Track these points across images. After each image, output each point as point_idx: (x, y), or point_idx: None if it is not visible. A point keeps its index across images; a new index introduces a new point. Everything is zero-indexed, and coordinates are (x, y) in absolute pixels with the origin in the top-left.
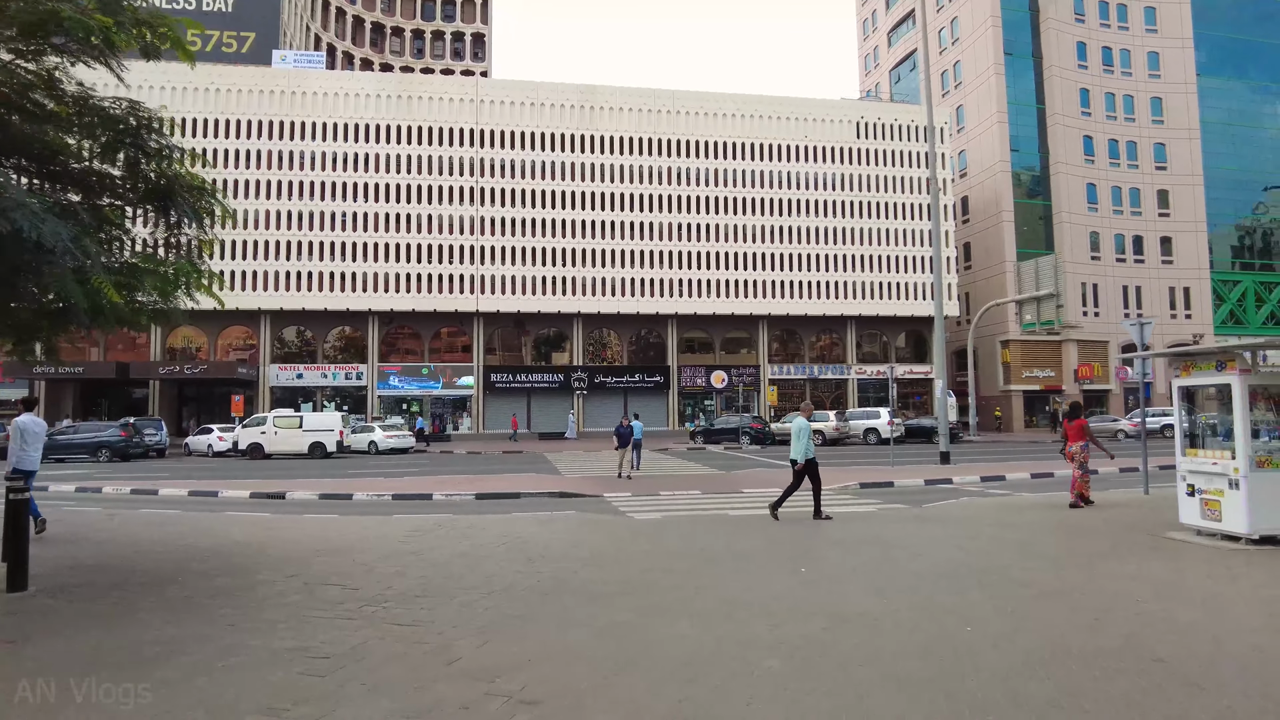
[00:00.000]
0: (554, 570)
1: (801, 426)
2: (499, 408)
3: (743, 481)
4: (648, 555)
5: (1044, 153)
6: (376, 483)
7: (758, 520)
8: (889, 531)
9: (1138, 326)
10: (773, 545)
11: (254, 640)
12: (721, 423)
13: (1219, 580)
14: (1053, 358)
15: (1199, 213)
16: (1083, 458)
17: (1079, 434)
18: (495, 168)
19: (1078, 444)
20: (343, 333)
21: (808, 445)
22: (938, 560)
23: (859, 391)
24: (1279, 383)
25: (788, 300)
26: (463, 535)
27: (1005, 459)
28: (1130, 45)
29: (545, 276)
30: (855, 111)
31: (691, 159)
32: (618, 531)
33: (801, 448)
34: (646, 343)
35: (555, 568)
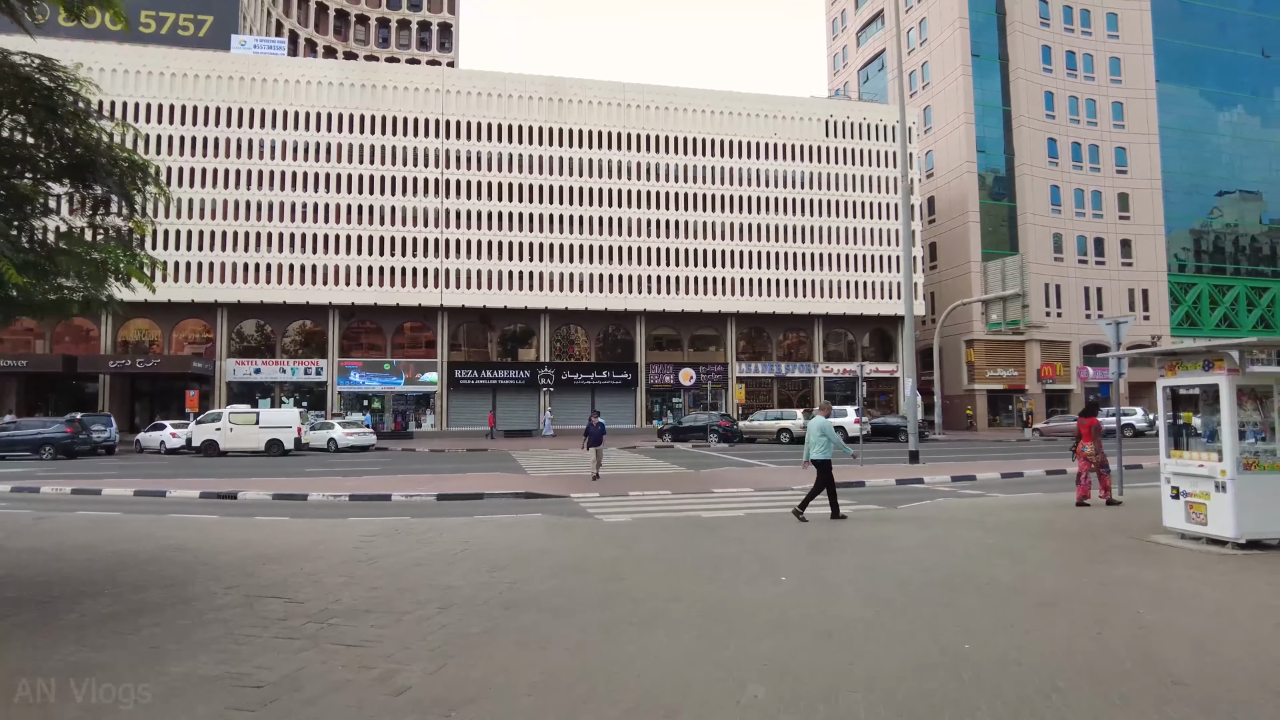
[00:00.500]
0: (516, 580)
1: (823, 425)
2: (463, 405)
3: (712, 481)
4: (617, 562)
5: (1009, 154)
6: (334, 482)
7: (731, 522)
8: (869, 534)
9: (1113, 326)
10: (749, 550)
11: (177, 666)
12: (689, 421)
13: (1215, 588)
14: (1016, 357)
15: (1157, 216)
16: (1099, 458)
17: (1091, 434)
18: (461, 160)
19: (1090, 444)
20: (303, 327)
21: (828, 444)
22: (924, 565)
23: (825, 390)
24: (1266, 383)
25: (756, 298)
26: (420, 541)
27: (973, 458)
28: (1093, 50)
29: (512, 271)
30: (824, 110)
31: (661, 154)
32: (585, 536)
33: (826, 446)
34: (614, 340)
35: (518, 577)
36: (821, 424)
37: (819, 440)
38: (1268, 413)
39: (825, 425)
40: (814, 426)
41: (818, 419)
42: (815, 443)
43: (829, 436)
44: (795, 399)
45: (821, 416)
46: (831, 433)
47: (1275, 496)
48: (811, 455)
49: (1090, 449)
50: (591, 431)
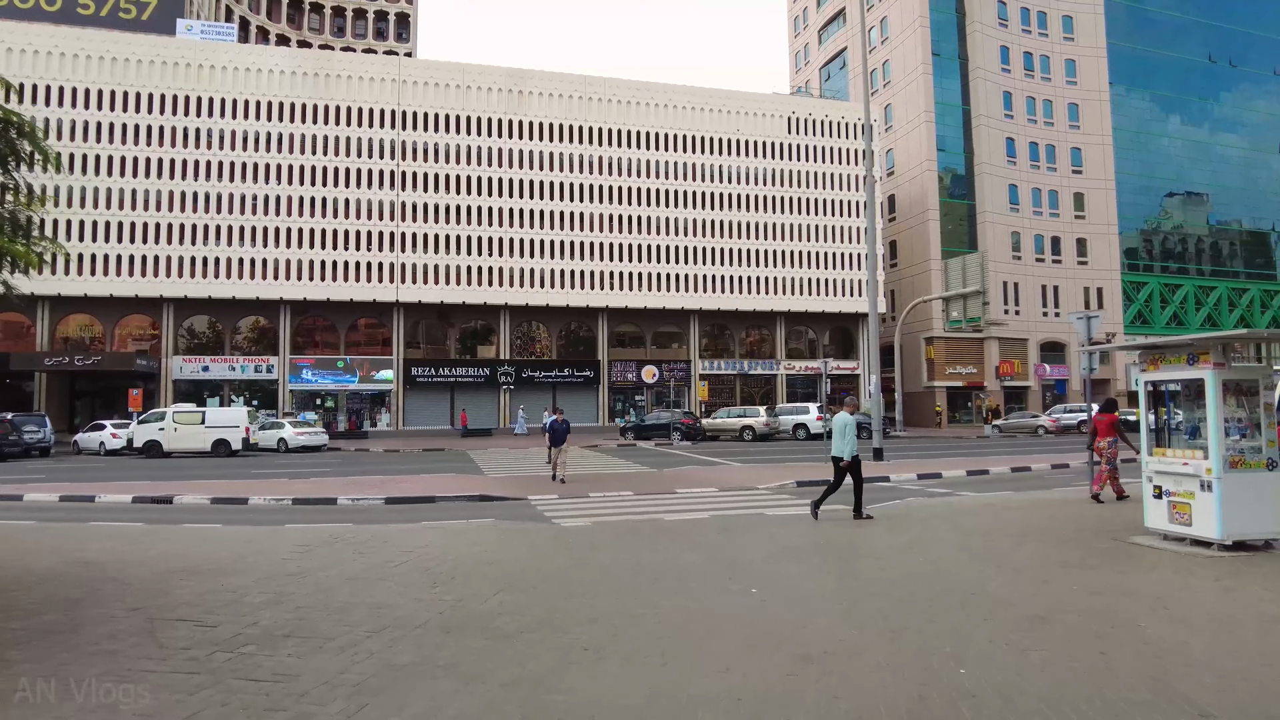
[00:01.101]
0: (460, 597)
1: (845, 422)
2: (420, 403)
3: (676, 480)
4: (573, 574)
5: (969, 153)
6: (279, 485)
7: (696, 525)
8: (842, 538)
9: (1084, 320)
10: (717, 557)
11: (40, 717)
12: (652, 419)
13: (1212, 596)
14: (975, 355)
15: (1111, 216)
16: (1111, 453)
17: (1110, 429)
18: (418, 151)
19: (1107, 439)
20: (253, 323)
21: (853, 441)
22: (904, 574)
23: (787, 387)
24: (1252, 377)
25: (718, 295)
26: (359, 551)
27: (937, 455)
28: (1050, 52)
29: (470, 266)
30: (787, 107)
31: (623, 149)
32: (540, 543)
33: (847, 444)
34: (576, 336)
35: (462, 593)
36: (846, 421)
37: (842, 437)
38: (1252, 409)
39: (849, 422)
40: (838, 423)
41: (841, 415)
42: (839, 439)
43: (849, 434)
44: (758, 396)
45: (845, 413)
46: (851, 430)
47: (1260, 496)
48: (835, 452)
49: (1105, 444)
50: (554, 430)
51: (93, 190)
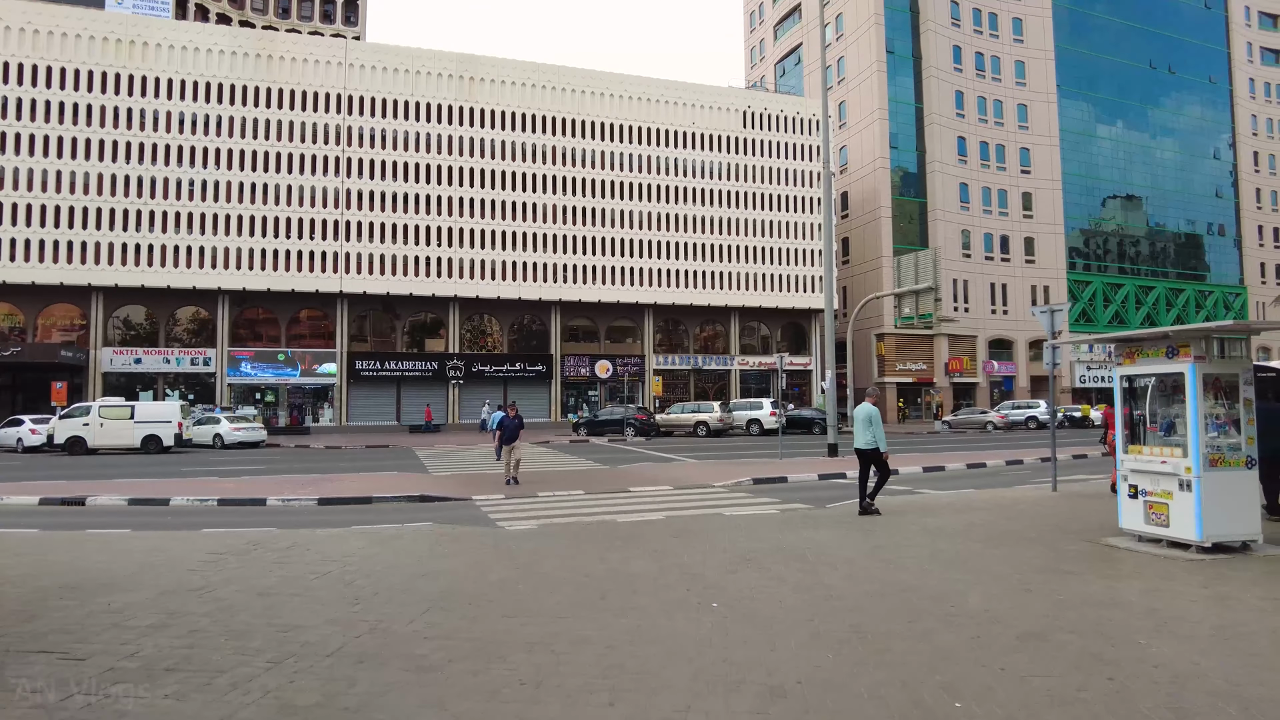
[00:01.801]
0: (383, 617)
1: (870, 413)
2: (365, 398)
3: (629, 478)
4: (513, 587)
5: (920, 151)
6: (207, 484)
7: (649, 528)
8: (805, 542)
9: (1048, 314)
10: (672, 564)
11: None
12: (605, 414)
13: (1206, 606)
14: (925, 351)
15: (1058, 215)
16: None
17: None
18: (365, 137)
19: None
20: (190, 314)
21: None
22: (877, 585)
23: (741, 382)
24: (1233, 371)
25: (673, 289)
26: (278, 560)
27: (891, 451)
28: (1000, 53)
29: (418, 256)
30: (743, 101)
31: (576, 139)
32: (481, 551)
33: (876, 436)
34: (528, 330)
35: (386, 612)
36: (870, 412)
37: (866, 429)
38: (1231, 404)
39: (874, 414)
40: (860, 415)
41: (864, 407)
42: (862, 431)
43: (874, 426)
44: (712, 392)
45: (869, 404)
46: (878, 422)
47: (1238, 495)
48: (857, 444)
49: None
50: (507, 426)
51: (13, 171)
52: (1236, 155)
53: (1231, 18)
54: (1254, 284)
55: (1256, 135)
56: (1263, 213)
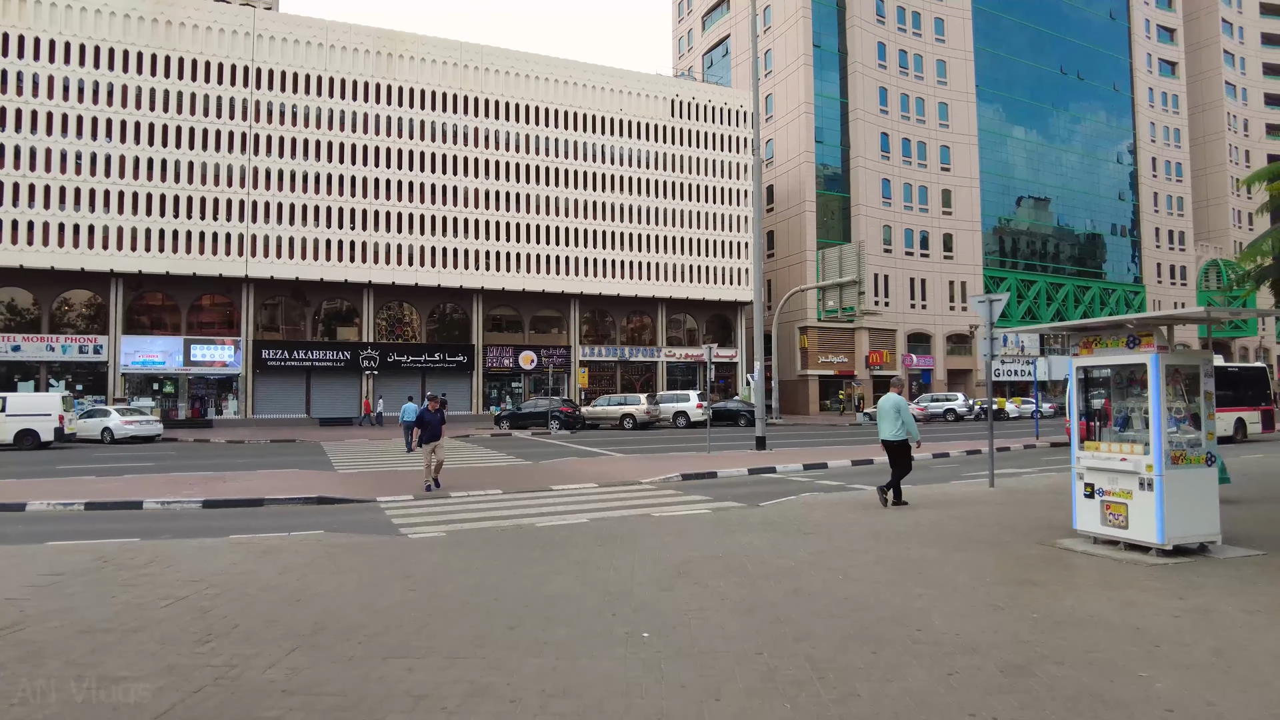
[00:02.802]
0: (235, 660)
1: (899, 403)
2: (273, 389)
3: (552, 475)
4: (406, 615)
5: (845, 147)
6: (79, 485)
7: (572, 534)
8: (742, 548)
9: (986, 304)
10: (597, 580)
11: None
12: (529, 407)
13: (1193, 621)
14: (846, 344)
15: (975, 213)
16: None
17: None
18: (275, 113)
19: None
20: (78, 298)
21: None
22: (827, 601)
23: (668, 374)
24: (1194, 362)
25: (600, 279)
26: (128, 582)
27: (818, 443)
28: (923, 51)
29: (330, 240)
30: (670, 89)
31: (500, 121)
32: (374, 566)
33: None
34: (449, 319)
35: (241, 652)
36: (897, 403)
37: (894, 420)
38: (1191, 398)
39: (901, 404)
40: (888, 406)
41: (891, 397)
42: (889, 423)
43: (903, 417)
44: (638, 384)
45: (895, 395)
46: (907, 413)
47: (1199, 494)
48: (884, 436)
49: None
50: (428, 421)
51: None
52: (1137, 160)
53: (1134, 29)
54: (1151, 283)
55: (1155, 142)
56: (1159, 216)
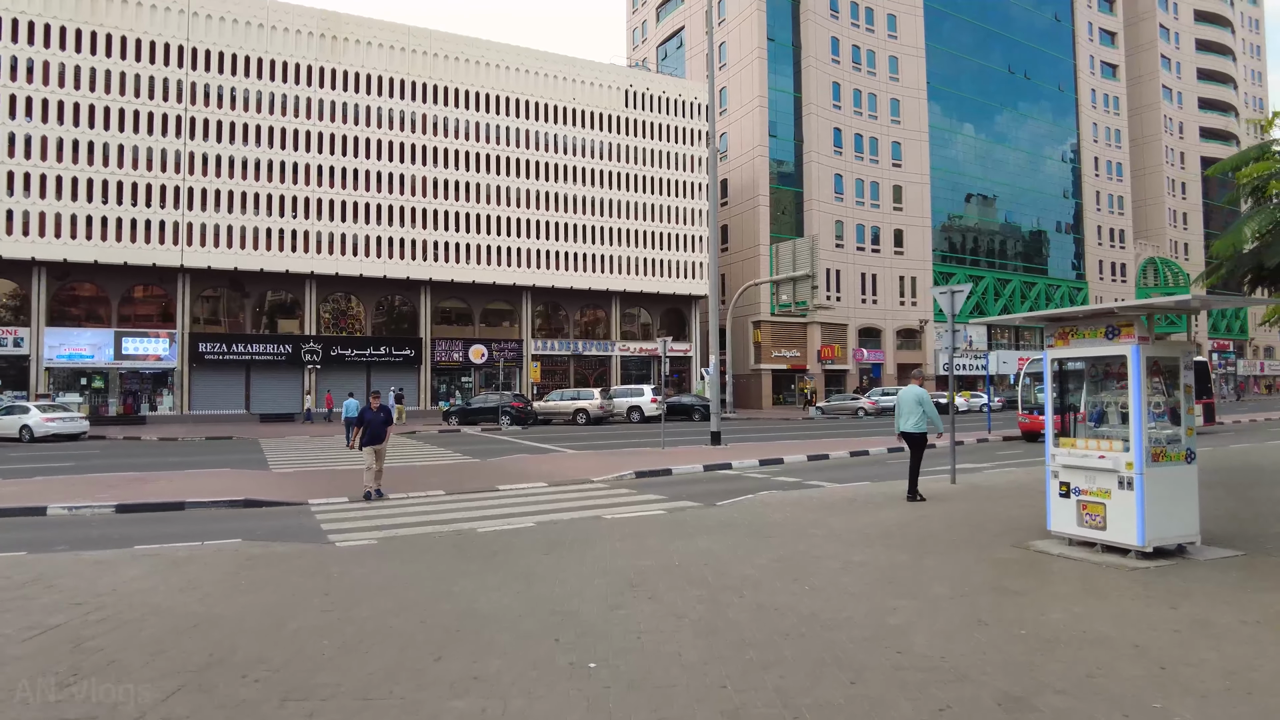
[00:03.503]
0: (97, 710)
1: (921, 395)
2: (210, 384)
3: (500, 473)
4: (317, 645)
5: (798, 141)
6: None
7: (516, 540)
8: (700, 554)
9: (948, 295)
10: (541, 596)
11: None
12: (479, 401)
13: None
14: (799, 339)
15: (925, 209)
16: None
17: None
18: (212, 95)
19: None
20: (9, 289)
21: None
22: (795, 618)
23: (622, 369)
24: (1174, 354)
25: (553, 271)
26: (2, 604)
27: (772, 438)
28: (875, 47)
29: (271, 229)
30: (625, 79)
31: (450, 108)
32: (291, 582)
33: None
34: (396, 312)
35: (109, 700)
36: (919, 394)
37: (915, 412)
38: (1171, 392)
39: (923, 396)
40: (909, 397)
41: (913, 388)
42: (910, 414)
43: (926, 408)
44: (592, 378)
45: (916, 385)
46: (929, 404)
47: (1179, 494)
48: (904, 428)
49: None
50: (369, 421)
51: None
52: (1080, 160)
53: (1077, 32)
54: (1094, 280)
55: (1097, 142)
56: (1101, 214)
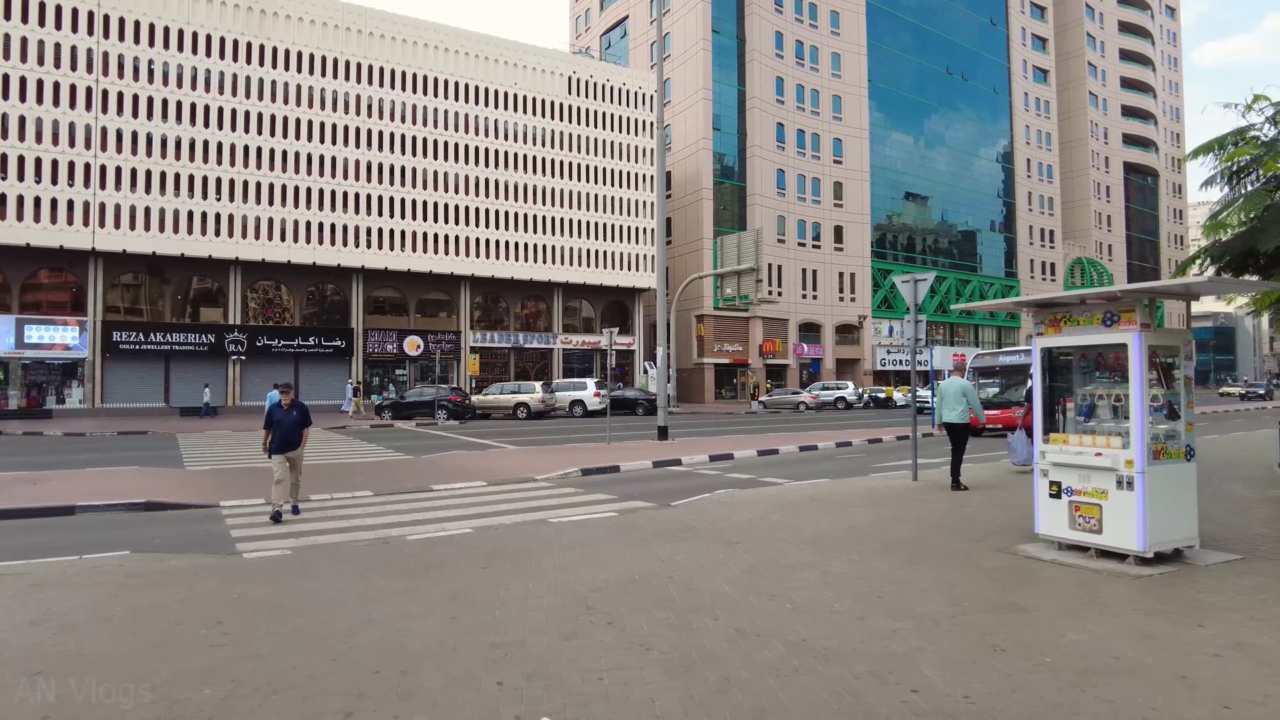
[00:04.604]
0: None
1: (965, 386)
2: (126, 375)
3: (434, 471)
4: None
5: (741, 135)
6: None
7: (450, 550)
8: (661, 566)
9: (911, 284)
10: (477, 623)
11: None
12: (414, 395)
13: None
14: (741, 333)
15: (865, 206)
16: None
17: None
18: (127, 68)
19: None
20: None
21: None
22: (779, 644)
23: (564, 362)
24: (1175, 343)
25: (493, 261)
26: None
27: (719, 433)
28: (819, 43)
29: (192, 211)
30: (568, 65)
31: (386, 90)
32: (179, 607)
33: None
34: (329, 301)
35: None
36: (963, 385)
37: (959, 403)
38: (1169, 383)
39: (967, 387)
40: (953, 388)
41: (956, 380)
42: (955, 405)
43: (970, 398)
44: (533, 371)
45: (958, 377)
46: (973, 395)
47: (1179, 493)
48: (949, 419)
49: None
50: (279, 422)
51: None
52: (1013, 161)
53: (1011, 36)
54: (1025, 278)
55: (1029, 144)
56: (1033, 214)
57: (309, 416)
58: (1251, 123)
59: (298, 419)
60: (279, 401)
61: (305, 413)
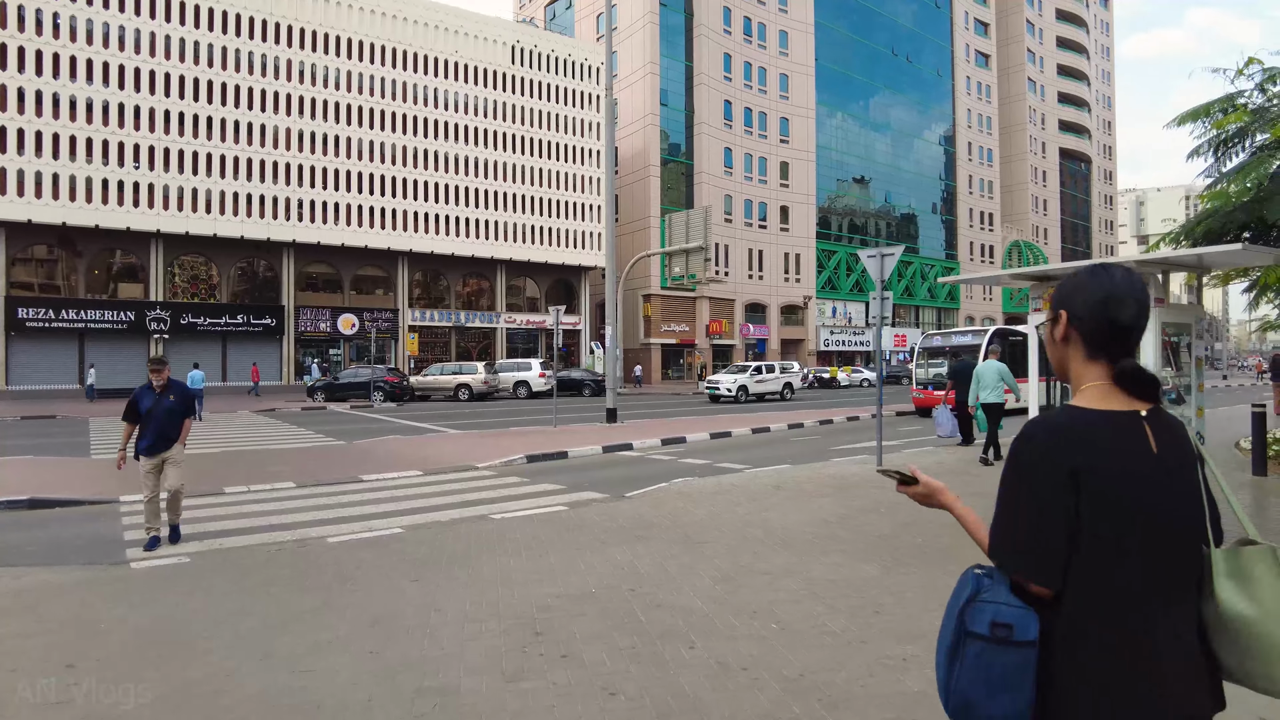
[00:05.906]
0: None
1: (1003, 369)
2: (35, 356)
3: (367, 460)
4: None
5: (689, 112)
6: None
7: (375, 557)
8: (619, 574)
9: (877, 259)
10: (402, 657)
11: None
12: (348, 376)
13: None
14: (688, 314)
15: (810, 187)
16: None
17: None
18: (28, 22)
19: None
20: None
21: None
22: (774, 682)
23: (508, 342)
24: (1186, 320)
25: (432, 236)
26: None
27: (669, 415)
28: (766, 21)
29: (108, 179)
30: (512, 34)
31: (319, 55)
32: (34, 641)
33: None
34: (256, 276)
35: None
36: (1000, 369)
37: (997, 385)
38: (1179, 364)
39: (1003, 369)
40: (990, 370)
41: (993, 363)
42: (993, 386)
43: (1007, 380)
44: (475, 351)
45: (995, 360)
46: (1009, 376)
47: None
48: (986, 399)
49: None
50: (151, 412)
51: None
52: (955, 144)
53: (955, 20)
54: (965, 261)
55: (971, 128)
56: (973, 197)
57: (192, 404)
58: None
59: (176, 406)
60: (149, 384)
61: (188, 397)
